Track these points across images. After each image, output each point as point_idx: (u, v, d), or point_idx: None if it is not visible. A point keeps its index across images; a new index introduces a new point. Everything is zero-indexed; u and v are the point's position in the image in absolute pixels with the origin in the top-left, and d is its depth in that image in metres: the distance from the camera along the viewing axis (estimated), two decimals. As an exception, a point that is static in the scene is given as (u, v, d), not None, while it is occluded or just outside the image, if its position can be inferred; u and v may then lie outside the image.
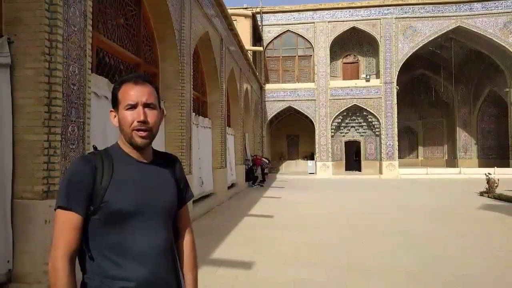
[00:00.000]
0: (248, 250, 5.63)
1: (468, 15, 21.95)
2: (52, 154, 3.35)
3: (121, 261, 1.18)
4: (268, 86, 23.63)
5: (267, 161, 20.51)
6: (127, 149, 1.28)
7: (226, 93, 12.37)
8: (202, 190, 9.89)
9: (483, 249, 5.68)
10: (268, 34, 23.65)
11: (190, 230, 1.45)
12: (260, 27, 23.05)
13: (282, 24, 23.54)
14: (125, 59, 6.11)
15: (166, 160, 1.38)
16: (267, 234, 6.75)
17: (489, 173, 13.15)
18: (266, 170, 19.21)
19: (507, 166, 22.96)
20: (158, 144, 6.94)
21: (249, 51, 18.28)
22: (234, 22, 14.33)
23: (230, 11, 12.72)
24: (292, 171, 26.73)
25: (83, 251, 1.22)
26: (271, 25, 23.59)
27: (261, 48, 22.23)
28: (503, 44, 21.78)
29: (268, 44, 23.80)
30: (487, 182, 12.51)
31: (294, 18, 23.40)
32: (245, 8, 22.35)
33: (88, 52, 3.92)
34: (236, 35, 13.30)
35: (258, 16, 22.87)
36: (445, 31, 22.29)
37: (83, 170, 1.20)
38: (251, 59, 19.14)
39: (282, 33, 23.67)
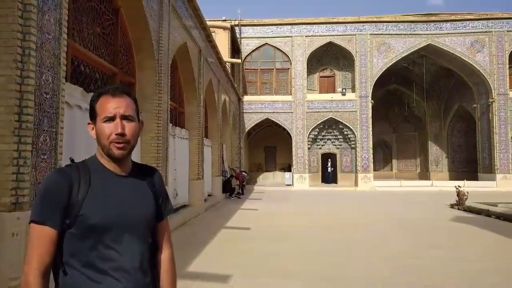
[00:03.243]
0: (225, 262, 5.57)
1: (438, 34, 22.90)
2: (22, 164, 3.23)
3: (98, 277, 1.15)
4: (246, 98, 23.75)
5: (246, 174, 20.63)
6: (105, 161, 1.26)
7: (204, 104, 12.34)
8: (177, 202, 9.74)
9: (454, 260, 5.83)
10: (246, 46, 23.87)
11: (170, 244, 1.42)
12: (238, 40, 23.24)
13: (260, 37, 23.82)
14: (101, 68, 6.01)
15: (145, 173, 1.36)
16: (244, 246, 6.70)
17: (459, 186, 13.59)
18: (244, 182, 19.18)
19: (476, 179, 23.81)
20: (134, 154, 6.79)
21: (227, 63, 18.36)
22: (213, 34, 14.41)
23: (208, 23, 12.79)
24: (269, 182, 26.76)
25: (57, 265, 1.18)
26: (250, 37, 23.84)
27: (239, 60, 22.38)
28: (471, 62, 22.79)
29: (246, 57, 24.00)
30: (457, 195, 12.90)
31: (272, 31, 23.75)
32: (224, 20, 22.52)
33: (62, 61, 3.84)
34: (214, 47, 13.36)
35: (236, 29, 23.06)
36: (417, 48, 23.14)
37: (59, 182, 1.17)
38: (230, 71, 19.22)
39: (260, 46, 23.95)
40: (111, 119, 1.22)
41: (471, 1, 72.21)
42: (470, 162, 26.71)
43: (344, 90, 23.60)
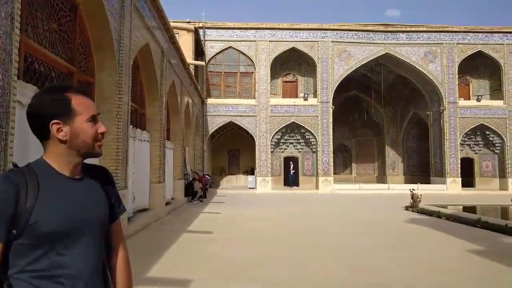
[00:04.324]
0: (186, 267, 5.49)
1: (395, 44, 23.98)
2: (-33, 166, 3.03)
3: (50, 287, 1.09)
4: (210, 101, 23.62)
5: (209, 177, 20.50)
6: (59, 165, 1.19)
7: (166, 106, 12.14)
8: (136, 206, 9.50)
9: (408, 260, 6.10)
10: (210, 49, 23.76)
11: (124, 246, 1.38)
12: (202, 42, 23.10)
13: (224, 40, 23.81)
14: (58, 67, 5.76)
15: (97, 173, 1.31)
16: (206, 251, 6.64)
17: (413, 189, 14.27)
18: (207, 185, 19.02)
19: (429, 182, 25.10)
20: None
21: (191, 65, 18.19)
22: (176, 35, 14.23)
23: (172, 24, 12.61)
24: (232, 185, 26.71)
25: (1, 281, 1.10)
26: (214, 40, 23.77)
27: (203, 63, 22.24)
28: (424, 72, 24.06)
29: (210, 59, 23.89)
30: (412, 197, 13.52)
31: (236, 35, 23.81)
32: (188, 22, 22.30)
33: (14, 57, 3.65)
34: (178, 48, 13.20)
35: (200, 31, 22.91)
36: (375, 56, 24.10)
37: (3, 190, 1.08)
38: (193, 73, 19.05)
39: (225, 49, 23.93)
40: (94, 118, 1.22)
41: (425, 14, 76.36)
42: (423, 166, 28.12)
43: (306, 95, 24.09)
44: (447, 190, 23.13)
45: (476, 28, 24.22)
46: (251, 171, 26.35)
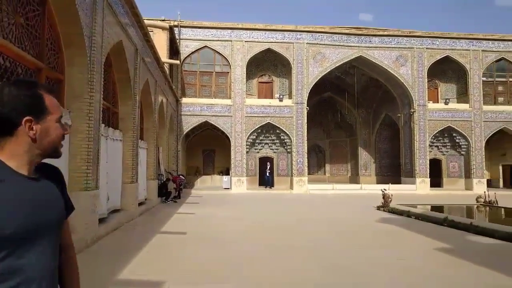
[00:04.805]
0: (159, 268, 5.40)
1: (368, 47, 24.54)
2: None
3: None
4: (184, 100, 23.36)
5: (183, 178, 20.28)
6: (16, 164, 1.13)
7: (139, 104, 11.91)
8: (109, 206, 9.28)
9: (380, 259, 6.25)
10: (185, 48, 23.51)
11: (72, 246, 1.36)
12: (177, 41, 22.82)
13: (200, 40, 23.62)
14: (24, 62, 5.54)
15: (50, 172, 1.27)
16: (180, 252, 6.56)
17: (385, 189, 14.61)
18: (181, 186, 18.80)
19: (399, 182, 25.82)
20: (62, 157, 6.36)
21: (165, 64, 17.93)
22: (151, 33, 14.01)
23: (146, 21, 12.41)
24: (207, 186, 26.54)
25: None
26: (189, 39, 23.53)
27: (178, 62, 21.97)
28: (395, 75, 24.74)
29: (185, 58, 23.64)
30: (383, 197, 13.86)
31: (212, 34, 23.67)
32: (163, 20, 21.98)
33: (-22, 52, 3.48)
34: (152, 47, 12.98)
35: (176, 30, 22.64)
36: (349, 59, 24.56)
37: None
38: (168, 72, 18.79)
39: (200, 48, 23.74)
40: (61, 119, 1.21)
41: (397, 19, 78.54)
42: (394, 167, 28.91)
43: (281, 96, 24.26)
44: (417, 190, 23.86)
45: (444, 34, 25.14)
46: (226, 172, 26.26)
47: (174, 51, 22.58)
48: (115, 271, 5.09)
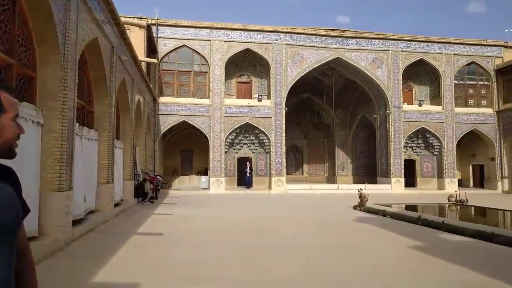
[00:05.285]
0: (135, 271, 5.32)
1: (345, 49, 24.93)
2: None
3: None
4: (162, 99, 23.07)
5: (160, 178, 20.02)
6: None
7: (116, 104, 11.68)
8: (86, 208, 9.07)
9: (356, 257, 6.37)
10: (163, 47, 23.22)
11: (29, 248, 1.30)
12: (155, 39, 22.51)
13: (178, 38, 23.38)
14: (-6, 59, 5.35)
15: (3, 173, 1.20)
16: (157, 253, 6.47)
17: (361, 189, 14.88)
18: (158, 186, 18.55)
19: (375, 182, 26.36)
20: (33, 156, 6.18)
21: (143, 62, 17.66)
22: (128, 31, 13.77)
23: (123, 19, 12.18)
24: (185, 186, 26.30)
25: None
26: (167, 38, 23.25)
27: (155, 60, 21.67)
28: (372, 77, 25.24)
29: (163, 57, 23.35)
30: (359, 197, 14.11)
31: (190, 33, 23.47)
32: (140, 18, 21.62)
33: None
34: (129, 45, 12.76)
35: (153, 28, 22.33)
36: (327, 60, 24.88)
37: None
38: (145, 71, 18.52)
39: (178, 47, 23.49)
40: (16, 117, 1.17)
41: (374, 22, 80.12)
42: (370, 167, 29.48)
43: (260, 97, 24.31)
44: (392, 190, 24.42)
45: (419, 38, 25.83)
46: (204, 172, 26.10)
47: (151, 49, 22.26)
48: (89, 274, 4.98)
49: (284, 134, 24.04)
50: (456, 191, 16.10)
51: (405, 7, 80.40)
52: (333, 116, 31.97)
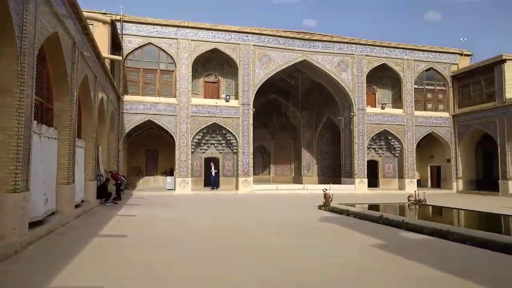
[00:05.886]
0: (96, 274, 5.14)
1: (312, 51, 25.37)
2: None
3: None
4: (127, 98, 22.46)
5: (124, 178, 19.49)
6: None
7: (77, 101, 11.24)
8: (47, 209, 8.68)
9: (322, 256, 6.49)
10: (128, 44, 22.62)
11: None
12: (120, 36, 21.90)
13: (144, 36, 22.86)
14: None
15: None
16: (119, 255, 6.29)
17: (326, 189, 15.18)
18: (121, 187, 18.04)
19: (340, 182, 27.00)
20: (-15, 155, 5.83)
21: (106, 59, 17.12)
22: (91, 26, 13.32)
23: (86, 14, 11.77)
24: (150, 187, 25.75)
25: None
26: (132, 35, 22.68)
27: (120, 58, 21.07)
28: (337, 80, 25.84)
29: (128, 54, 22.73)
30: (324, 197, 14.39)
31: (157, 31, 23.02)
32: (104, 14, 20.95)
33: None
34: (91, 40, 12.33)
35: (118, 24, 21.69)
36: (294, 62, 25.20)
37: None
38: (109, 68, 17.96)
39: (144, 45, 22.96)
40: None
41: (339, 26, 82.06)
42: (335, 168, 30.18)
43: (228, 97, 24.25)
44: (355, 190, 25.11)
45: (382, 43, 26.73)
46: (170, 172, 25.68)
47: (116, 46, 21.63)
48: (47, 279, 4.76)
49: (251, 135, 24.10)
50: (415, 191, 16.80)
51: (369, 13, 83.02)
52: (299, 118, 32.45)
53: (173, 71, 23.50)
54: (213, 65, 25.74)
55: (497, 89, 24.27)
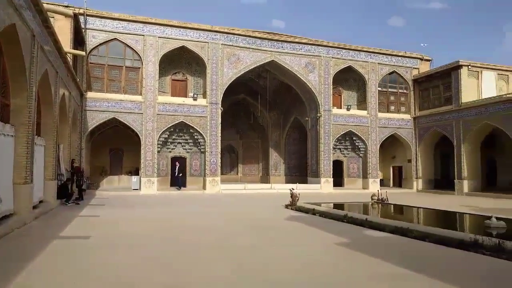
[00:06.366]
0: (56, 278, 4.93)
1: (280, 52, 25.61)
2: None
3: None
4: (90, 94, 21.70)
5: (86, 178, 18.83)
6: None
7: (36, 97, 10.73)
8: (3, 210, 8.23)
9: (288, 256, 6.57)
10: (92, 39, 21.86)
11: None
12: (83, 30, 21.12)
13: (109, 31, 22.18)
14: None
15: None
16: (82, 258, 6.07)
17: (293, 189, 15.38)
18: (83, 186, 17.41)
19: (306, 182, 27.45)
20: None
21: (68, 54, 16.46)
22: (52, 19, 12.78)
23: (46, 6, 11.28)
24: (114, 187, 25.04)
25: None
26: (97, 30, 21.93)
27: (83, 53, 20.34)
28: (304, 81, 26.24)
29: (92, 50, 21.97)
30: (291, 196, 14.57)
31: (123, 27, 22.40)
32: (66, 6, 20.12)
33: None
34: (52, 34, 11.82)
35: (81, 18, 20.91)
36: (262, 62, 25.35)
37: None
38: (72, 63, 17.29)
39: (109, 40, 22.28)
40: None
41: (307, 28, 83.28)
42: (302, 167, 30.64)
43: (195, 95, 24.01)
44: (321, 189, 25.62)
45: (348, 46, 27.41)
46: (135, 172, 25.09)
47: (79, 41, 20.84)
48: (2, 285, 4.51)
49: (219, 134, 24.00)
50: (378, 191, 17.37)
51: (335, 16, 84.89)
52: (267, 118, 32.67)
53: (139, 68, 22.97)
54: (181, 63, 25.41)
55: (454, 93, 25.57)
